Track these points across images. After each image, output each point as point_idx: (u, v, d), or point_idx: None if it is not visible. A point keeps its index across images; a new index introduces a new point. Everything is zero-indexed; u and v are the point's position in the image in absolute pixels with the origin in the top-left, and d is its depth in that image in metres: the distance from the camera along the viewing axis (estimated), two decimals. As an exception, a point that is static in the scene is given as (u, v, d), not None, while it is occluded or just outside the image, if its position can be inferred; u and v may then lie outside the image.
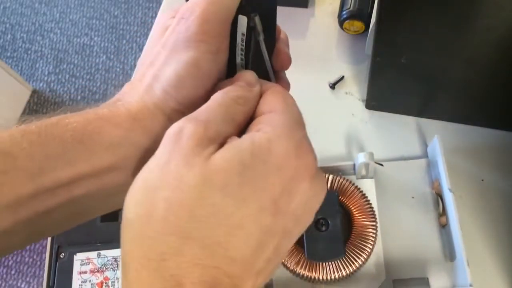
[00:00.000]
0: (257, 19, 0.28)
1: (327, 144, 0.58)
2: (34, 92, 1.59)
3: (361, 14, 0.61)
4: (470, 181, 0.54)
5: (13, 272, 1.32)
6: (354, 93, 0.62)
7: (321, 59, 0.65)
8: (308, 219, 0.25)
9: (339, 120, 0.60)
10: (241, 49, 0.29)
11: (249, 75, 0.27)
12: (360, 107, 0.61)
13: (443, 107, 0.56)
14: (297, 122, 0.25)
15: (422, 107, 0.57)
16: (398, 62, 0.50)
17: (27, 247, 1.32)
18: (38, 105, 1.57)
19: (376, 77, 0.55)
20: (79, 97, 1.58)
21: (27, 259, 1.33)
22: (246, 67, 0.29)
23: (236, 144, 0.23)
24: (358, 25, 0.63)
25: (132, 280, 0.22)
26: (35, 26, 1.72)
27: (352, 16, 0.62)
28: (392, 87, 0.56)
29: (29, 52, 1.67)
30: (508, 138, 0.56)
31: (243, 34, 0.28)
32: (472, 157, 0.56)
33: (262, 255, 0.23)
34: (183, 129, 0.23)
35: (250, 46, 0.29)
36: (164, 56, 0.27)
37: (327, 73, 0.63)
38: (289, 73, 0.33)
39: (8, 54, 1.68)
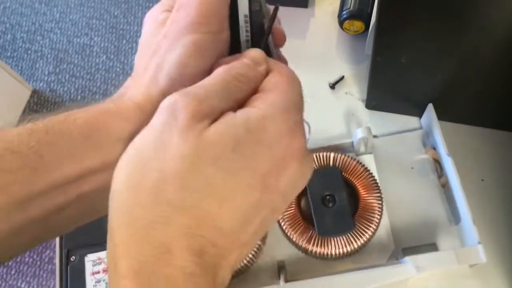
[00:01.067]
0: (262, 1, 0.28)
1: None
2: (34, 92, 1.58)
3: (361, 14, 0.61)
4: (470, 181, 0.54)
5: (13, 272, 1.32)
6: (354, 93, 0.62)
7: (321, 59, 0.65)
8: (293, 196, 0.26)
9: (339, 120, 0.60)
10: (246, 30, 0.29)
11: (257, 53, 0.27)
12: (360, 107, 0.61)
13: (443, 107, 0.56)
14: (295, 105, 0.25)
15: (422, 107, 0.57)
16: (398, 62, 0.50)
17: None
18: (38, 105, 1.57)
19: (376, 77, 0.55)
20: (79, 97, 1.57)
21: (27, 259, 1.33)
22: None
23: (230, 119, 0.23)
24: (358, 25, 0.63)
25: (119, 245, 0.22)
26: (35, 26, 1.72)
27: (352, 16, 0.62)
28: (392, 87, 0.56)
29: (29, 52, 1.67)
30: (508, 138, 0.56)
31: (245, 16, 0.28)
32: (472, 157, 0.56)
33: (249, 228, 0.24)
34: (178, 103, 0.23)
35: (253, 26, 0.29)
36: (166, 45, 0.27)
37: (327, 73, 0.63)
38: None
39: (8, 54, 1.67)
